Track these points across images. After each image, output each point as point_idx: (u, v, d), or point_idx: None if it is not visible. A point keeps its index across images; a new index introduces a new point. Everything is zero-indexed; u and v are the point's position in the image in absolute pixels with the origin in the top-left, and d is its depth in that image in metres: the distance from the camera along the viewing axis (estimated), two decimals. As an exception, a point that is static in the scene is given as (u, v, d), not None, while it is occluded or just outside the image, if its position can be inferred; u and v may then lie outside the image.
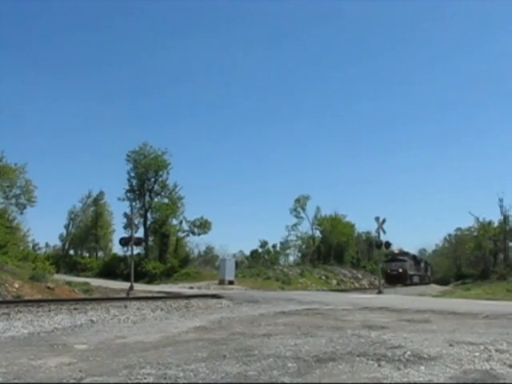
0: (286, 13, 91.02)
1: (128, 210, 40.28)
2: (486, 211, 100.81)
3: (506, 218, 47.13)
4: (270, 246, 60.74)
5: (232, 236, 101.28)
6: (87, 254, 58.29)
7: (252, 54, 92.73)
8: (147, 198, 45.28)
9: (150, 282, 35.10)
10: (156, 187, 45.73)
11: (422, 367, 3.89)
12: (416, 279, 45.87)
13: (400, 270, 42.06)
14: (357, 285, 46.49)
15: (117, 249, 51.43)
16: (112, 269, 42.74)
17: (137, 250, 40.56)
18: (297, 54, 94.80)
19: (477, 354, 4.47)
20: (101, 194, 57.25)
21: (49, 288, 16.73)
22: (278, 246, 61.58)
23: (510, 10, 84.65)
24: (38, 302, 11.74)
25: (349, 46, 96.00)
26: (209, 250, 54.34)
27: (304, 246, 61.78)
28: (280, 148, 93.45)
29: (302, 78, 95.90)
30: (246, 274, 39.16)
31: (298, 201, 57.35)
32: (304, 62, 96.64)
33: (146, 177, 45.26)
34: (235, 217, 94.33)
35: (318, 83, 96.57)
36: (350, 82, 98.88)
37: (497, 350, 4.65)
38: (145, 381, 3.58)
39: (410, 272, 43.55)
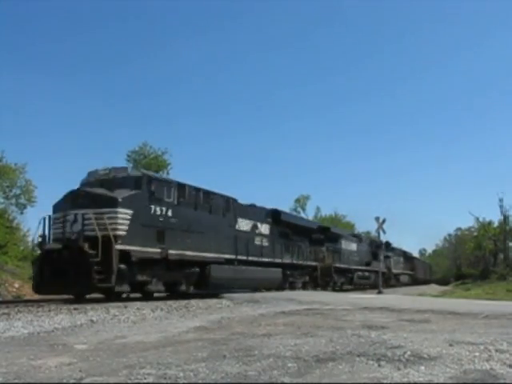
0: (287, 12, 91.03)
1: (128, 210, 40.29)
2: (485, 211, 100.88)
3: (506, 217, 47.11)
4: (269, 245, 60.72)
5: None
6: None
7: (252, 55, 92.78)
8: (147, 198, 45.26)
9: (150, 282, 35.05)
10: (156, 187, 45.70)
11: (422, 367, 3.88)
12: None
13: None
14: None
15: (117, 249, 51.36)
16: (112, 269, 42.62)
17: (137, 250, 40.56)
18: (296, 54, 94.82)
19: (477, 353, 4.46)
20: (101, 194, 57.22)
21: (49, 288, 16.68)
22: (278, 245, 61.54)
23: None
24: (37, 302, 11.75)
25: (348, 46, 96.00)
26: (209, 250, 54.17)
27: (304, 246, 61.69)
28: (280, 148, 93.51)
29: (302, 78, 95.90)
30: (246, 274, 39.07)
31: (298, 201, 57.48)
32: (303, 62, 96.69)
33: (146, 177, 45.25)
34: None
35: (317, 83, 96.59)
36: (350, 82, 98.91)
37: (497, 350, 4.64)
38: (145, 381, 3.58)
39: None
